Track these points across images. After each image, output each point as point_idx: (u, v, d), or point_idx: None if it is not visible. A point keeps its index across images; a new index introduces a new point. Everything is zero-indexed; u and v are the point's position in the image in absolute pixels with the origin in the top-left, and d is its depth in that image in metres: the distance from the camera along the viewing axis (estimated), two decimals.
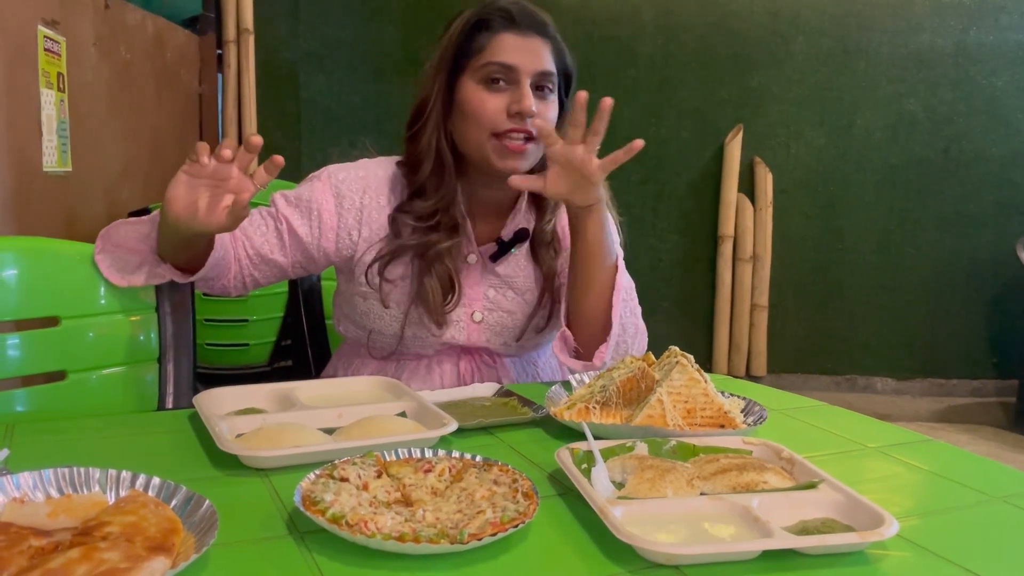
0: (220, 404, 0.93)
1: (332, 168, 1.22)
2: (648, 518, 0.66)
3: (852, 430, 0.99)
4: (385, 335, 1.21)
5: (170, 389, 1.18)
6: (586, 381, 1.03)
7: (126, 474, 0.66)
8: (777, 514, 0.66)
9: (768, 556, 0.62)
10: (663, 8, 3.50)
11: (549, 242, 1.23)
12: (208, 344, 2.29)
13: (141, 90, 2.52)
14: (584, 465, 0.75)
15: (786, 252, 3.61)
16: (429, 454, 0.75)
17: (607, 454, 0.78)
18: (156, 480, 0.65)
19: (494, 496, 0.66)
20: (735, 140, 3.52)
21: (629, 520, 0.65)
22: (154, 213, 1.06)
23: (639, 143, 1.01)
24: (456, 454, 0.75)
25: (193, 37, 3.06)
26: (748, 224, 3.55)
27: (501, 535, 0.61)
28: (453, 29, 1.16)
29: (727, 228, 3.56)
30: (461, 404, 1.01)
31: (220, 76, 3.20)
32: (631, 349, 1.17)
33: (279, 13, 3.36)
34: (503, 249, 1.20)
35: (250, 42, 3.19)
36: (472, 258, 1.21)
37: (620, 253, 1.18)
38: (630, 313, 1.17)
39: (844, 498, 0.69)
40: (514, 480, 0.69)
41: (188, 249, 1.05)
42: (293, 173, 1.76)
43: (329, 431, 0.86)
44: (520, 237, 1.21)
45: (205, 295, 1.27)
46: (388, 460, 0.74)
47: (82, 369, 1.13)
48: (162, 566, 0.53)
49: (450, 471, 0.72)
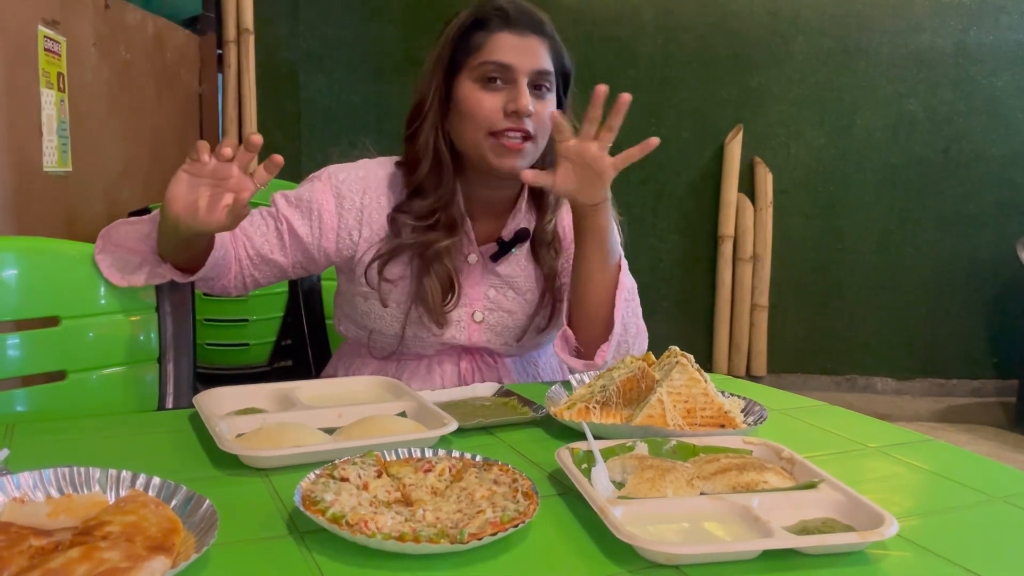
0: (220, 404, 0.93)
1: (332, 168, 1.22)
2: (648, 518, 0.66)
3: (852, 430, 0.99)
4: (386, 335, 1.21)
5: (170, 389, 1.18)
6: (586, 381, 1.03)
7: (126, 474, 0.66)
8: (777, 514, 0.66)
9: (768, 556, 0.62)
10: (663, 8, 3.50)
11: (550, 242, 1.23)
12: (208, 344, 2.29)
13: (141, 90, 2.52)
14: (584, 465, 0.75)
15: (786, 252, 3.61)
16: (429, 454, 0.75)
17: (607, 454, 0.78)
18: (156, 480, 0.65)
19: (494, 496, 0.66)
20: (735, 140, 3.52)
21: (629, 520, 0.65)
22: (154, 213, 1.06)
23: (655, 140, 1.01)
24: (456, 454, 0.75)
25: (193, 37, 3.06)
26: (748, 224, 3.55)
27: (501, 535, 0.61)
28: (450, 28, 1.16)
29: (727, 228, 3.56)
30: (461, 404, 1.01)
31: (220, 76, 3.20)
32: (632, 349, 1.17)
33: (279, 13, 3.36)
34: (504, 249, 1.20)
35: (250, 42, 3.19)
36: (473, 258, 1.21)
37: (621, 253, 1.18)
38: (632, 313, 1.17)
39: (844, 498, 0.69)
40: (514, 480, 0.69)
41: (188, 249, 1.05)
42: (293, 173, 1.76)
43: (329, 431, 0.86)
44: (521, 237, 1.21)
45: (205, 295, 1.27)
46: (388, 460, 0.74)
47: (82, 369, 1.13)
48: (162, 566, 0.53)
49: (450, 471, 0.72)
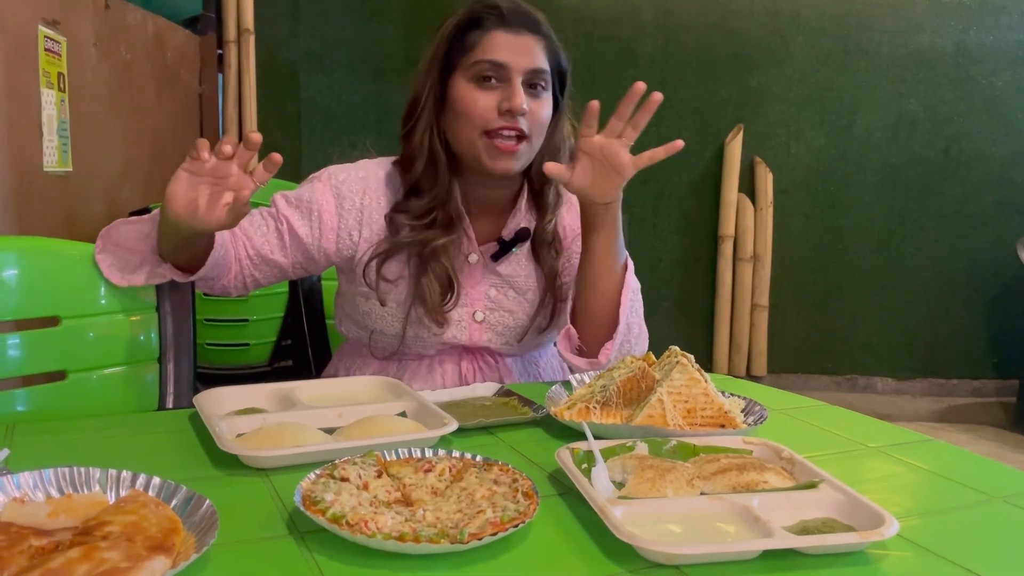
0: (220, 404, 0.93)
1: (332, 169, 1.22)
2: (648, 518, 0.66)
3: (852, 430, 0.99)
4: (387, 335, 1.21)
5: (170, 389, 1.18)
6: (586, 381, 1.03)
7: (126, 474, 0.66)
8: (777, 514, 0.66)
9: (768, 556, 0.62)
10: (663, 8, 3.50)
11: (550, 242, 1.23)
12: (208, 344, 2.29)
13: (141, 90, 2.52)
14: (584, 465, 0.75)
15: (786, 252, 3.61)
16: (429, 454, 0.75)
17: (607, 454, 0.78)
18: (156, 480, 0.65)
19: (494, 496, 0.66)
20: (735, 140, 3.52)
21: (629, 520, 0.65)
22: (154, 212, 1.06)
23: (680, 143, 1.02)
24: (456, 454, 0.75)
25: (193, 37, 3.06)
26: (748, 224, 3.55)
27: (501, 535, 0.61)
28: (445, 27, 1.16)
29: (727, 228, 3.56)
30: (461, 404, 1.01)
31: (220, 76, 3.21)
32: (633, 349, 1.17)
33: (279, 13, 3.36)
34: (504, 249, 1.20)
35: (250, 42, 3.19)
36: (473, 257, 1.21)
37: (627, 253, 1.18)
38: (635, 314, 1.17)
39: (844, 498, 0.69)
40: (514, 480, 0.69)
41: (188, 248, 1.05)
42: (293, 173, 1.76)
43: (329, 431, 0.86)
44: (521, 236, 1.21)
45: (205, 295, 1.27)
46: (388, 460, 0.74)
47: (82, 369, 1.13)
48: (162, 566, 0.53)
49: (450, 471, 0.72)
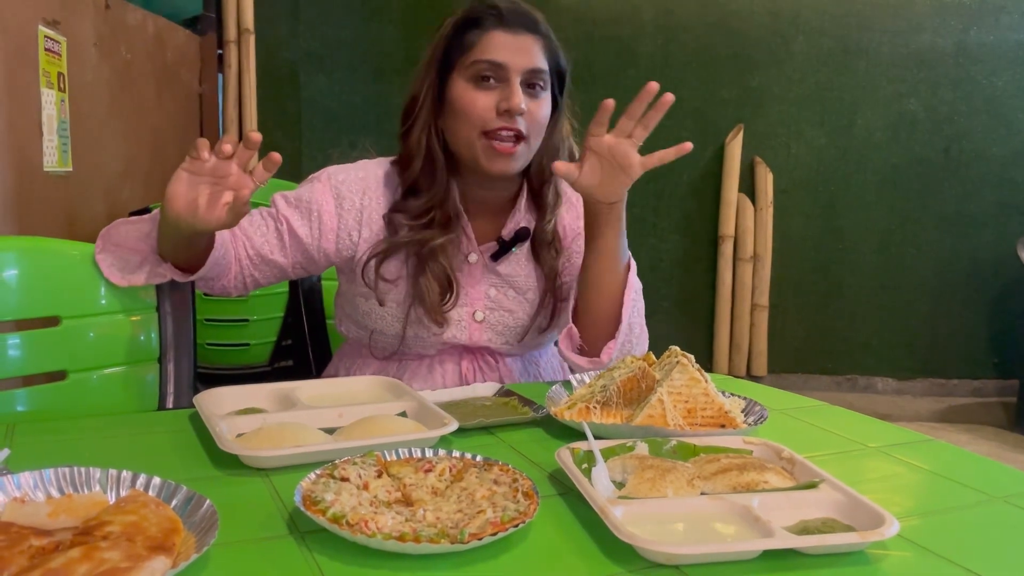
0: (220, 404, 0.93)
1: (332, 169, 1.22)
2: (648, 518, 0.66)
3: (853, 430, 0.99)
4: (387, 335, 1.21)
5: (170, 389, 1.18)
6: (586, 381, 1.03)
7: (127, 474, 0.66)
8: (778, 514, 0.66)
9: (769, 556, 0.62)
10: (663, 8, 3.50)
11: (550, 242, 1.23)
12: (209, 344, 2.29)
13: (141, 90, 2.52)
14: (584, 465, 0.75)
15: (786, 252, 3.61)
16: (429, 454, 0.75)
17: (607, 454, 0.78)
18: (156, 480, 0.65)
19: (494, 496, 0.66)
20: (735, 140, 3.52)
21: (629, 520, 0.65)
22: (154, 212, 1.06)
23: (689, 145, 1.02)
24: (456, 454, 0.75)
25: (193, 37, 3.06)
26: (748, 224, 3.55)
27: (501, 535, 0.61)
28: (444, 26, 1.16)
29: (727, 228, 3.56)
30: (462, 404, 1.01)
31: (220, 76, 3.21)
32: (634, 349, 1.17)
33: (279, 13, 3.36)
34: (504, 248, 1.20)
35: (251, 42, 3.19)
36: (473, 257, 1.21)
37: (630, 253, 1.18)
38: (637, 314, 1.17)
39: (845, 498, 0.69)
40: (514, 480, 0.69)
41: (189, 248, 1.05)
42: (293, 173, 1.75)
43: (330, 431, 0.86)
44: (521, 236, 1.21)
45: (206, 295, 1.27)
46: (388, 460, 0.74)
47: (83, 369, 1.13)
48: (163, 566, 0.53)
49: (450, 471, 0.72)
